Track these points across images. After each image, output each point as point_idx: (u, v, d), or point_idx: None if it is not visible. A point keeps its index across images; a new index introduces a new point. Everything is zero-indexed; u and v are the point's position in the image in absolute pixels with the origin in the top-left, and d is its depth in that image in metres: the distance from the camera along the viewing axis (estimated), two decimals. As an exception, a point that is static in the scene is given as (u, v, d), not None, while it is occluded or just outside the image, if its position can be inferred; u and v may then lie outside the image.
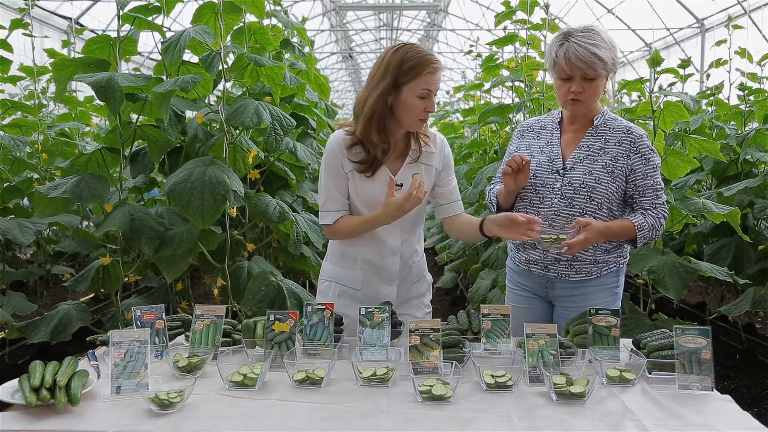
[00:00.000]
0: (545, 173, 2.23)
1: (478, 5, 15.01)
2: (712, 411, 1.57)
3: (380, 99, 2.00)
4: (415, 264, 2.27)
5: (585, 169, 2.18)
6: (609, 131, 2.22)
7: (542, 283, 2.31)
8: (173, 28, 8.77)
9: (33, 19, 4.01)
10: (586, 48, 2.05)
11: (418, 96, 1.99)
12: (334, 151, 2.10)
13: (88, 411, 1.52)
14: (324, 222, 2.15)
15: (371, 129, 2.04)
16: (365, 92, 2.05)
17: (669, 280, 2.76)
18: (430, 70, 1.98)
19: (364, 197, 2.11)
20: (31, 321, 3.09)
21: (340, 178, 2.11)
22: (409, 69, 1.97)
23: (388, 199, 2.02)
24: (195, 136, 3.08)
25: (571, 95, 2.13)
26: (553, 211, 2.19)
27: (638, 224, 2.14)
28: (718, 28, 10.44)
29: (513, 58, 4.51)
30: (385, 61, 2.00)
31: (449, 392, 1.58)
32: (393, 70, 1.98)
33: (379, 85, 2.00)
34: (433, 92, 2.02)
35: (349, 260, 2.21)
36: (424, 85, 1.99)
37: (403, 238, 2.19)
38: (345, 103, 24.01)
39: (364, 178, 2.09)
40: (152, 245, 2.73)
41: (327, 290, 2.24)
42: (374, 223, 2.09)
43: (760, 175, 3.96)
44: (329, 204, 2.13)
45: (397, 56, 1.99)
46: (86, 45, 2.96)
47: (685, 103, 3.05)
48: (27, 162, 4.09)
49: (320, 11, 16.89)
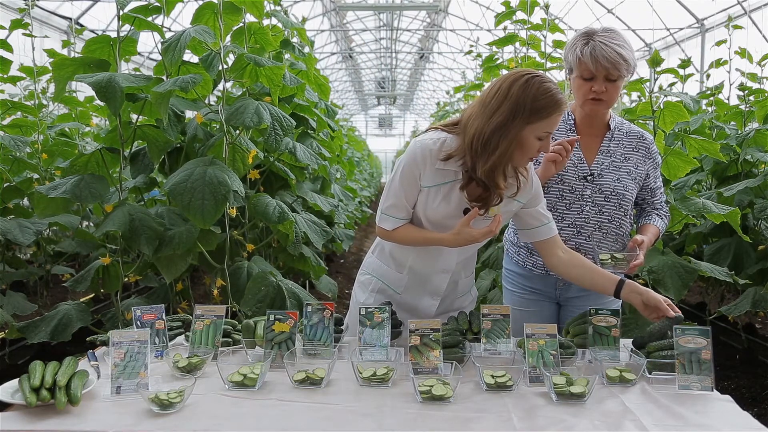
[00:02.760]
0: (572, 179, 2.19)
1: (478, 5, 15.02)
2: (712, 411, 1.57)
3: (513, 140, 1.80)
4: (462, 281, 2.19)
5: (613, 176, 2.18)
6: (624, 136, 2.23)
7: (558, 285, 2.30)
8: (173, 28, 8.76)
9: (33, 19, 4.01)
10: (612, 48, 2.03)
11: (537, 137, 1.82)
12: (417, 161, 1.91)
13: (88, 411, 1.52)
14: (383, 226, 2.02)
15: (499, 173, 1.85)
16: (486, 124, 1.81)
17: (669, 280, 2.76)
18: (559, 112, 1.80)
19: (434, 216, 1.97)
20: (31, 321, 3.08)
21: (413, 189, 1.95)
22: (540, 109, 1.77)
23: (462, 227, 1.87)
24: (195, 136, 3.08)
25: (592, 95, 2.11)
26: (583, 219, 2.18)
27: (661, 228, 2.24)
28: (718, 28, 10.44)
29: (513, 58, 4.51)
30: (513, 96, 1.78)
31: (449, 392, 1.58)
32: (524, 109, 1.77)
33: (509, 125, 1.78)
34: (551, 134, 1.85)
35: (396, 263, 2.13)
36: (549, 128, 1.81)
37: (459, 259, 2.10)
38: (345, 103, 24.03)
39: (441, 198, 1.94)
40: (151, 245, 2.73)
41: (368, 283, 2.18)
42: (437, 244, 1.97)
43: (760, 175, 3.96)
44: (393, 210, 1.99)
45: (529, 92, 1.77)
46: (86, 45, 2.96)
47: (685, 103, 3.05)
48: (27, 162, 4.09)
49: (320, 11, 16.90)
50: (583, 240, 2.19)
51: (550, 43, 3.98)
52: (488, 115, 1.81)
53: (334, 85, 24.23)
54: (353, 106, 33.01)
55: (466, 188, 1.91)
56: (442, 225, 1.97)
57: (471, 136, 1.84)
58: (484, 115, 1.82)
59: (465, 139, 1.87)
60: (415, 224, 2.02)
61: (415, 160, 1.92)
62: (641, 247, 2.08)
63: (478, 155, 1.84)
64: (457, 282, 2.17)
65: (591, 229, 2.18)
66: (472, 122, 1.85)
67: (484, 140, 1.81)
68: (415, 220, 2.02)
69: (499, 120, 1.79)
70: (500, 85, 1.82)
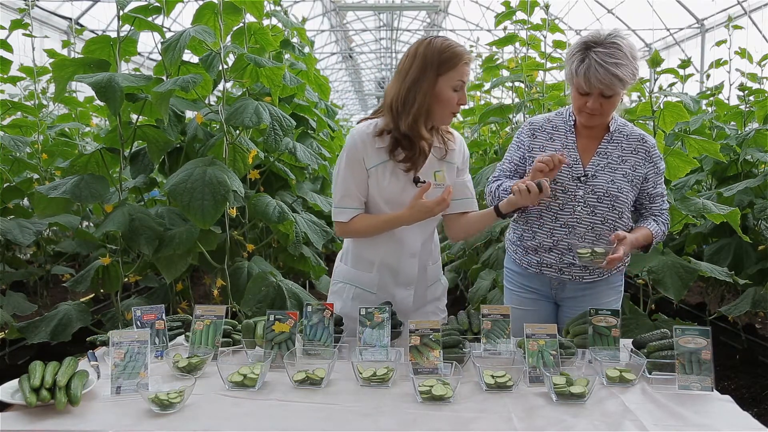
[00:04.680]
0: (566, 179, 2.18)
1: (478, 5, 15.01)
2: (712, 411, 1.57)
3: (427, 92, 1.95)
4: (431, 267, 2.23)
5: (608, 177, 2.17)
6: (624, 138, 2.22)
7: (553, 285, 2.30)
8: (173, 29, 8.76)
9: (33, 19, 4.01)
10: (606, 69, 1.99)
11: (452, 88, 1.97)
12: (357, 146, 2.03)
13: (88, 411, 1.52)
14: (338, 219, 2.08)
15: (420, 124, 1.98)
16: (402, 87, 1.98)
17: (669, 281, 2.76)
18: (465, 61, 1.97)
19: (388, 194, 2.04)
20: (31, 321, 3.08)
21: (361, 174, 2.04)
22: (447, 60, 1.94)
23: (416, 200, 1.96)
24: (195, 136, 3.09)
25: (587, 109, 2.11)
26: (575, 219, 2.18)
27: (654, 232, 2.20)
28: (718, 28, 10.44)
29: (513, 58, 4.51)
30: (420, 55, 1.96)
31: (449, 392, 1.58)
32: (432, 63, 1.94)
33: (421, 79, 1.95)
34: (465, 84, 2.00)
35: (365, 262, 2.16)
36: (459, 77, 1.97)
37: (422, 238, 2.15)
38: (345, 103, 24.03)
39: (389, 174, 2.03)
40: (151, 245, 2.73)
41: (341, 292, 2.20)
42: (395, 224, 2.04)
43: (760, 175, 3.96)
44: (345, 201, 2.06)
45: (433, 48, 1.95)
46: (86, 45, 2.96)
47: (685, 103, 3.05)
48: (27, 162, 4.09)
49: (320, 11, 16.90)
50: (575, 240, 2.19)
51: (550, 43, 3.98)
52: (402, 77, 1.99)
53: (334, 85, 24.23)
54: (353, 106, 33.00)
55: (392, 152, 2.02)
56: (399, 202, 2.04)
57: (390, 100, 2.01)
58: (398, 80, 2.00)
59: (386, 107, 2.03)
60: (372, 211, 2.10)
61: (355, 146, 2.03)
62: (622, 243, 2.04)
63: (400, 114, 1.99)
64: (426, 268, 2.21)
65: (583, 229, 2.17)
66: (389, 91, 2.03)
67: (402, 98, 1.97)
68: (374, 208, 2.09)
69: (412, 77, 1.96)
70: (409, 52, 2.02)
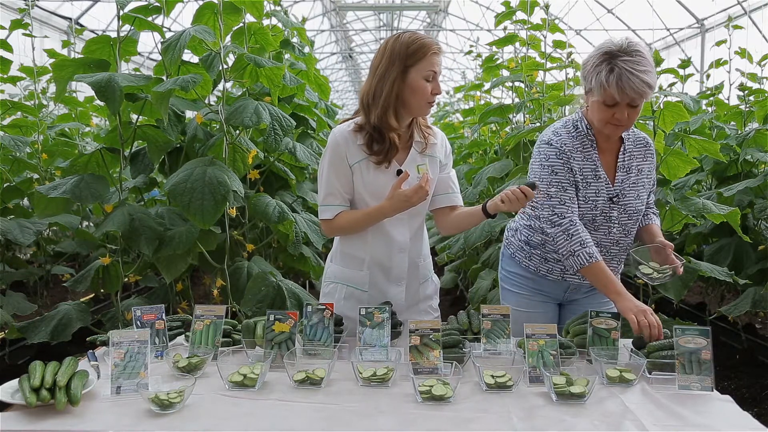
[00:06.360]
0: (600, 199, 2.13)
1: (478, 5, 15.00)
2: (712, 411, 1.57)
3: (395, 85, 2.01)
4: (422, 264, 2.25)
5: (634, 194, 2.16)
6: (634, 146, 2.21)
7: (570, 288, 2.29)
8: (173, 28, 8.76)
9: (33, 19, 4.01)
10: (639, 77, 1.92)
11: (424, 78, 2.01)
12: (339, 144, 2.07)
13: (88, 411, 1.52)
14: (323, 217, 2.11)
15: (389, 115, 2.03)
16: (372, 81, 2.05)
17: (669, 281, 2.76)
18: (434, 51, 2.01)
19: (373, 188, 2.08)
20: (31, 321, 3.08)
21: (345, 171, 2.08)
22: (415, 52, 1.99)
23: (395, 190, 2.00)
24: (195, 136, 3.08)
25: (614, 121, 2.04)
26: (612, 241, 2.16)
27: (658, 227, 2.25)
28: (718, 28, 10.44)
29: (513, 58, 4.51)
30: (389, 49, 2.02)
31: (449, 392, 1.58)
32: (399, 55, 2.00)
33: (389, 72, 2.01)
34: (438, 74, 2.04)
35: (355, 261, 2.18)
36: (430, 67, 2.01)
37: (410, 232, 2.17)
38: (345, 103, 24.01)
39: (372, 169, 2.07)
40: (151, 245, 2.73)
41: (333, 292, 2.21)
42: (377, 216, 2.07)
43: (760, 175, 3.96)
44: (330, 199, 2.10)
45: (400, 42, 2.01)
46: (86, 45, 2.96)
47: (685, 103, 3.05)
48: (27, 162, 4.09)
49: (320, 11, 16.89)
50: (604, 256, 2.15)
51: (550, 43, 3.98)
52: (373, 73, 2.06)
53: (334, 85, 24.23)
54: (353, 106, 33.04)
55: (369, 147, 2.06)
56: (384, 195, 2.06)
57: (362, 96, 2.08)
58: (370, 76, 2.07)
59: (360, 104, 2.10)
60: (359, 207, 2.13)
61: (337, 144, 2.08)
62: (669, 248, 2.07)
63: (370, 108, 2.05)
64: (417, 265, 2.22)
65: (616, 248, 2.17)
66: (362, 89, 2.10)
67: (373, 92, 2.04)
68: (361, 203, 2.12)
69: (381, 71, 2.03)
70: (379, 50, 2.08)
